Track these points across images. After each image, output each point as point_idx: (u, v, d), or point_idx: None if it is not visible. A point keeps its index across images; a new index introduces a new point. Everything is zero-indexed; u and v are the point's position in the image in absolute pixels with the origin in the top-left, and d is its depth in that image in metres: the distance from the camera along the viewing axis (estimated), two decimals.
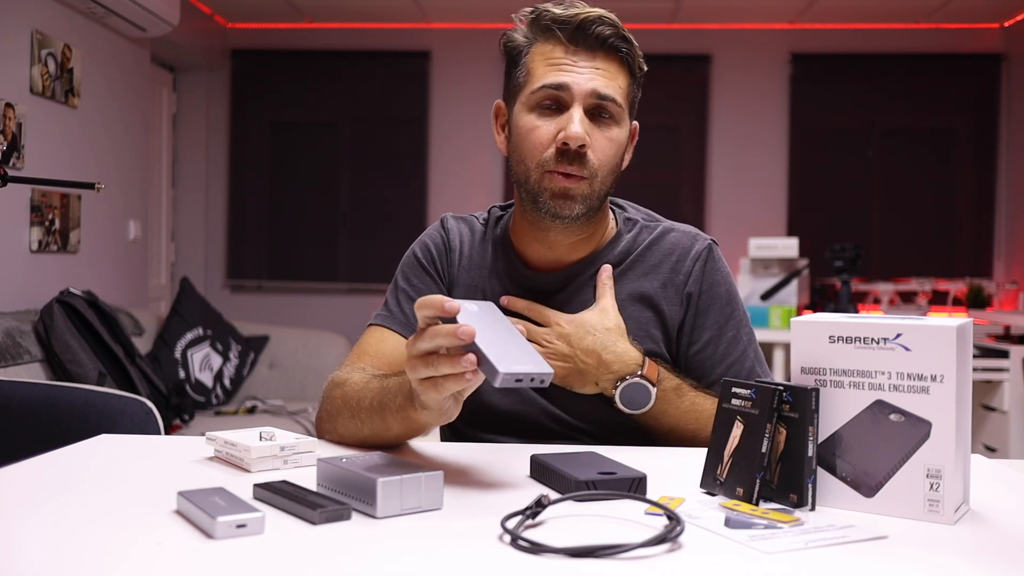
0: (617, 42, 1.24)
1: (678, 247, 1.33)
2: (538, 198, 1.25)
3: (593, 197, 1.25)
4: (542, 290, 1.32)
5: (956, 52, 5.34)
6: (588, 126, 1.22)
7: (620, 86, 1.25)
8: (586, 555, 0.73)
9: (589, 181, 1.23)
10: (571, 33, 1.23)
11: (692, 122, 5.42)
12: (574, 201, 1.23)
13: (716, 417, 0.97)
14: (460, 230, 1.40)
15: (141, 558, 0.73)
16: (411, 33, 5.43)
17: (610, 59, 1.24)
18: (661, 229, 1.36)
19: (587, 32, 1.22)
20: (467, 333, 0.89)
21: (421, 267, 1.37)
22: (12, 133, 3.07)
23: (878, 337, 0.89)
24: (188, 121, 5.45)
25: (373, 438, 1.14)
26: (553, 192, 1.23)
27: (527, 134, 1.25)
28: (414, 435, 1.12)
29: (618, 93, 1.24)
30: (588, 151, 1.22)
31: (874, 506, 0.88)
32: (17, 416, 2.10)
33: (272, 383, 3.92)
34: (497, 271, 1.35)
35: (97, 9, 3.52)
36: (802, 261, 4.13)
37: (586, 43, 1.23)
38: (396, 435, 1.12)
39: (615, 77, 1.24)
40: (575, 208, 1.24)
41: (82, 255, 3.61)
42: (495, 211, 1.42)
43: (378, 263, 5.37)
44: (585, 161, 1.22)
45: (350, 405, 1.16)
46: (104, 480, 1.00)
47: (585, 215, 1.26)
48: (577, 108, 1.22)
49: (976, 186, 5.38)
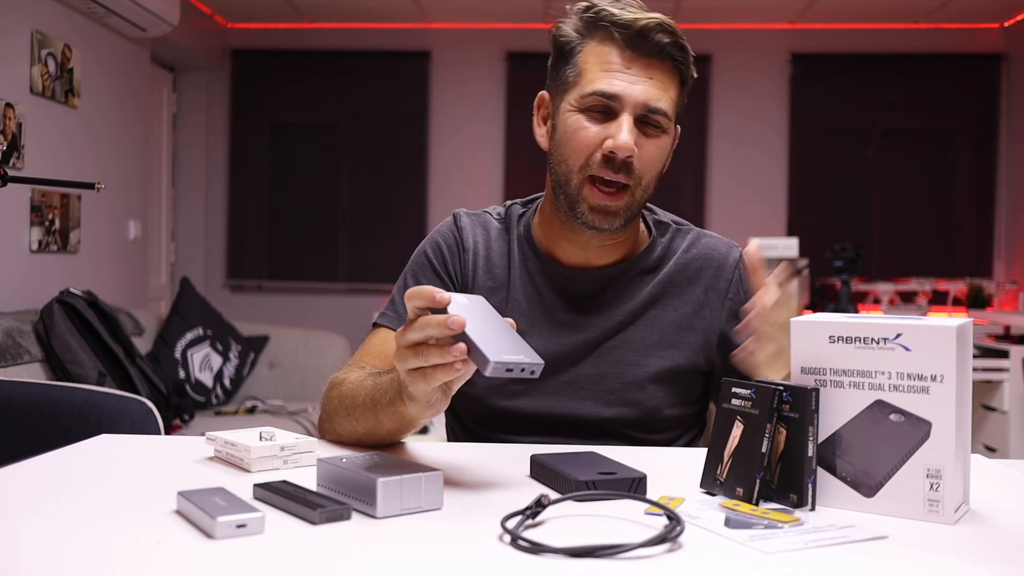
0: (674, 52, 1.21)
1: (716, 252, 1.34)
2: (576, 206, 1.23)
3: (634, 206, 1.24)
4: (579, 291, 1.30)
5: (956, 52, 5.34)
6: (636, 135, 1.20)
7: (671, 97, 1.22)
8: (586, 555, 0.73)
9: (631, 191, 1.22)
10: (629, 38, 1.19)
11: (692, 122, 5.42)
12: (615, 216, 1.23)
13: (716, 417, 0.97)
14: (474, 229, 1.36)
15: (141, 558, 0.73)
16: (411, 33, 5.43)
17: (665, 68, 1.21)
18: (695, 234, 1.36)
19: (646, 39, 1.19)
20: (457, 323, 0.88)
21: (431, 267, 1.35)
22: (12, 133, 3.07)
23: (878, 337, 0.89)
24: (188, 121, 5.45)
25: (367, 435, 1.13)
26: (592, 206, 1.22)
27: (573, 134, 1.22)
28: (405, 431, 1.11)
29: (668, 104, 1.22)
30: (634, 160, 1.20)
31: (874, 506, 0.88)
32: (17, 416, 2.10)
33: (272, 383, 3.92)
34: (528, 270, 1.32)
35: (97, 9, 3.52)
36: (802, 261, 4.13)
37: (644, 50, 1.20)
38: (388, 431, 1.11)
39: (667, 88, 1.22)
40: (615, 222, 1.23)
41: (82, 255, 3.61)
42: (516, 208, 1.38)
43: (378, 263, 5.37)
44: (631, 170, 1.21)
45: (345, 404, 1.15)
46: (104, 480, 1.00)
47: (625, 225, 1.25)
48: (627, 117, 1.19)
49: (976, 186, 5.38)
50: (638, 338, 1.29)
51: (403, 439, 1.15)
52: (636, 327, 1.29)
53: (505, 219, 1.38)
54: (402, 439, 1.15)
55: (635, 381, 1.27)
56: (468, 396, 1.29)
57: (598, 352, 1.29)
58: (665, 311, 1.30)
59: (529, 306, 1.31)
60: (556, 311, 1.30)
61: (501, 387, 1.28)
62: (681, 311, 1.30)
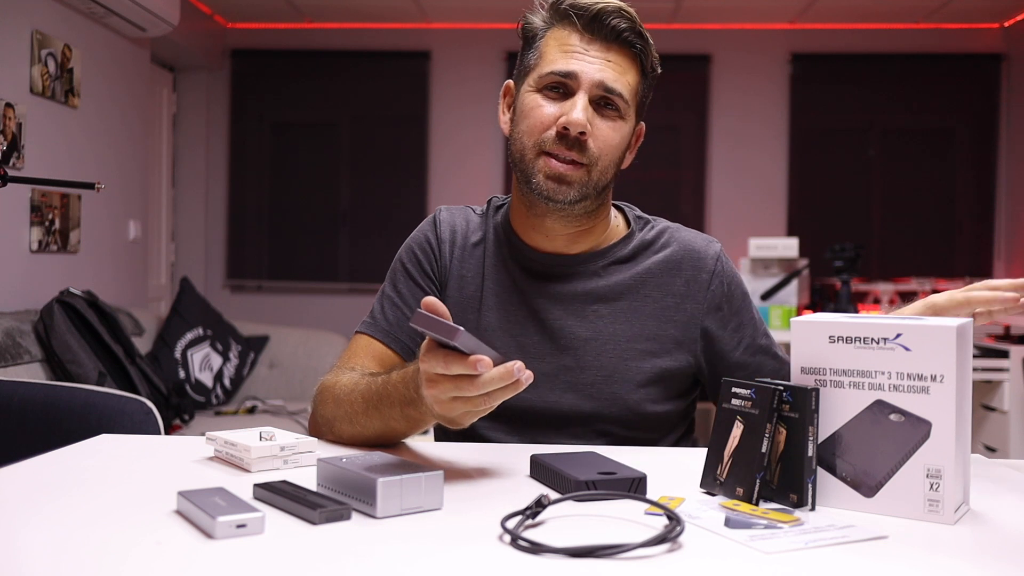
0: (632, 37, 1.23)
1: (696, 246, 1.34)
2: (531, 179, 1.24)
3: (589, 185, 1.24)
4: (551, 276, 1.31)
5: (956, 52, 5.34)
6: (591, 114, 1.22)
7: (629, 82, 1.24)
8: (586, 555, 0.73)
9: (588, 168, 1.23)
10: (587, 21, 1.23)
11: (692, 122, 5.42)
12: (569, 186, 1.23)
13: (716, 417, 0.97)
14: (453, 220, 1.38)
15: (141, 558, 0.73)
16: (411, 33, 5.43)
17: (623, 53, 1.24)
18: (674, 228, 1.37)
19: (603, 23, 1.22)
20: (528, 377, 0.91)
21: (407, 273, 1.36)
22: (12, 133, 3.07)
23: (878, 337, 0.89)
24: (188, 121, 5.45)
25: (376, 438, 1.14)
26: (547, 174, 1.23)
27: (529, 111, 1.25)
28: (417, 431, 1.11)
29: (626, 89, 1.24)
30: (588, 139, 1.22)
31: (874, 506, 0.88)
32: (17, 416, 2.10)
33: (272, 383, 3.92)
34: (502, 256, 1.33)
35: (97, 9, 3.52)
36: (802, 261, 4.13)
37: (601, 33, 1.23)
38: (397, 432, 1.11)
39: (625, 72, 1.24)
40: (570, 193, 1.23)
41: (82, 255, 3.61)
42: (495, 200, 1.41)
43: (378, 263, 5.36)
44: (585, 148, 1.22)
45: (344, 408, 1.16)
46: (104, 480, 1.00)
47: (580, 202, 1.25)
48: (582, 96, 1.21)
49: (976, 186, 5.38)
50: (618, 331, 1.28)
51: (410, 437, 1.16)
52: (616, 319, 1.29)
53: (485, 211, 1.40)
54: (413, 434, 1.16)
55: (615, 375, 1.27)
56: None
57: (575, 343, 1.28)
58: (645, 303, 1.30)
59: (503, 292, 1.32)
60: (530, 297, 1.30)
61: None
62: (661, 303, 1.30)
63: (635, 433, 1.27)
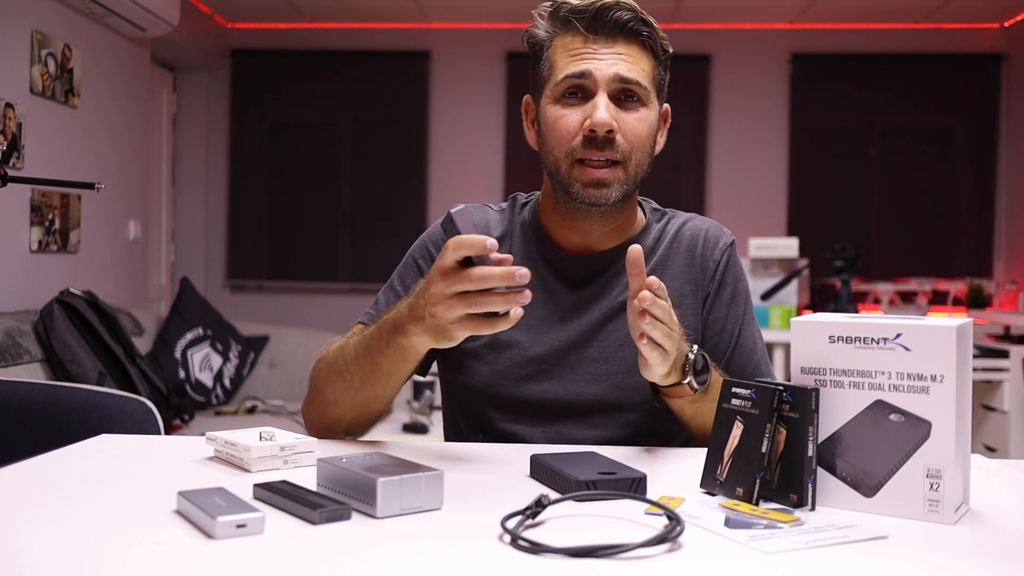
0: (637, 25, 1.24)
1: (709, 231, 1.35)
2: (570, 189, 1.25)
3: (628, 181, 1.25)
4: (579, 275, 1.32)
5: (956, 52, 5.34)
6: (614, 111, 1.22)
7: (644, 69, 1.25)
8: (586, 555, 0.73)
9: (623, 165, 1.24)
10: (589, 22, 1.23)
11: (692, 122, 5.42)
12: (609, 188, 1.24)
13: (716, 417, 0.97)
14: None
15: (141, 558, 0.73)
16: (411, 33, 5.43)
17: (631, 43, 1.24)
18: (688, 215, 1.39)
19: (605, 19, 1.22)
20: (524, 275, 0.92)
21: (417, 268, 1.36)
22: (12, 133, 3.07)
23: (878, 337, 0.89)
24: (188, 121, 5.45)
25: (364, 384, 1.15)
26: (585, 182, 1.23)
27: (553, 124, 1.25)
28: (406, 366, 1.13)
29: (642, 76, 1.24)
30: (617, 135, 1.22)
31: (874, 506, 0.88)
32: (17, 416, 2.10)
33: (272, 383, 3.92)
34: (530, 255, 1.33)
35: (97, 9, 3.52)
36: (802, 261, 4.13)
37: (605, 30, 1.23)
38: (387, 372, 1.13)
39: (638, 60, 1.24)
40: (611, 195, 1.24)
41: (82, 255, 3.61)
42: (520, 197, 1.41)
43: (378, 263, 5.37)
44: (615, 145, 1.22)
45: (336, 366, 1.18)
46: (104, 480, 1.00)
47: (621, 201, 1.26)
48: (602, 95, 1.22)
49: (976, 186, 5.38)
50: None
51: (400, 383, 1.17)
52: None
53: (508, 208, 1.39)
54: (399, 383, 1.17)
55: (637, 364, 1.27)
56: (473, 387, 1.30)
57: (600, 335, 1.29)
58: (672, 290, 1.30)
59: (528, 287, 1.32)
60: (559, 296, 1.31)
61: (506, 373, 1.28)
62: (679, 291, 1.31)
63: (659, 425, 1.27)
